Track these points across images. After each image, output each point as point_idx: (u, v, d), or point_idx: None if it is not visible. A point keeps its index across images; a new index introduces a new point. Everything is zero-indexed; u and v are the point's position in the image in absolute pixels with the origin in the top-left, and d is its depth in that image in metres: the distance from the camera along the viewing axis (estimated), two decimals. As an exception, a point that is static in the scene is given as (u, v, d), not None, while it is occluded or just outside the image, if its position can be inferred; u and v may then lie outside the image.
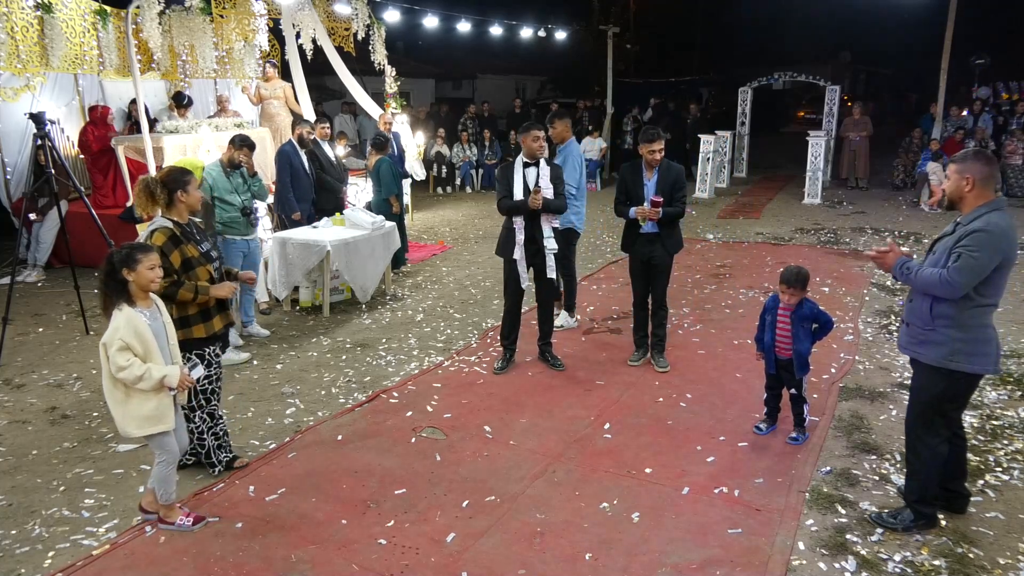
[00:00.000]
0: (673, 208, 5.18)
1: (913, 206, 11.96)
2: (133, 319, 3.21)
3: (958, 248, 3.15)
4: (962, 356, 3.21)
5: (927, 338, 3.29)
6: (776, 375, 4.34)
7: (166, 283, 3.59)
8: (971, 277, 3.11)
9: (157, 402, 3.29)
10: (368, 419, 4.70)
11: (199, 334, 3.78)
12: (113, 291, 3.24)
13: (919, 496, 3.44)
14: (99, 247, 6.86)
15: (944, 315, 3.23)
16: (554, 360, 5.55)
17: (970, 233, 3.14)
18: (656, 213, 5.10)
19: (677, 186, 5.20)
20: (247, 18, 10.27)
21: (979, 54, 18.16)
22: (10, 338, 5.90)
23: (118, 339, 3.16)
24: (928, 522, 3.44)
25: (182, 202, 3.81)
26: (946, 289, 3.15)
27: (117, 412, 3.29)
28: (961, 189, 3.24)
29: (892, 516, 3.49)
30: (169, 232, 3.73)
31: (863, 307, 6.83)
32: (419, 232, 10.60)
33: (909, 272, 3.30)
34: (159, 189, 3.75)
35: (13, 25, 7.64)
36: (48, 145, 6.13)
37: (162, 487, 3.43)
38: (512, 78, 28.16)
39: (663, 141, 5.21)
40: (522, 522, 3.55)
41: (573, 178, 5.88)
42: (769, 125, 22.22)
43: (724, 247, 9.45)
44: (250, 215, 5.87)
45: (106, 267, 3.25)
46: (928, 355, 3.30)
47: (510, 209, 5.19)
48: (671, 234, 5.32)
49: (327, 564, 3.25)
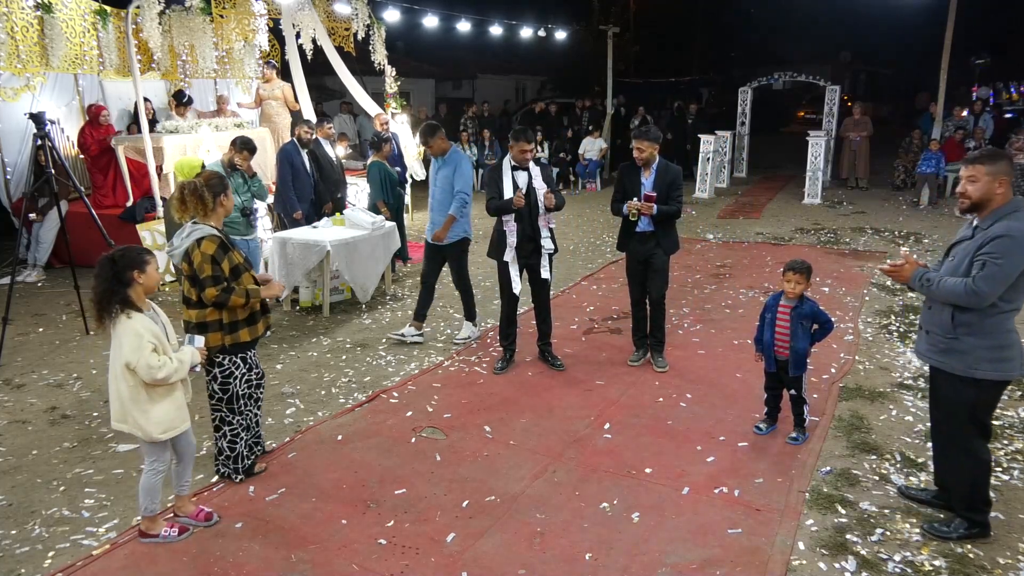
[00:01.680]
0: (668, 207, 5.14)
1: (913, 206, 11.96)
2: (146, 323, 3.19)
3: (981, 255, 3.05)
4: (986, 363, 3.14)
5: (950, 347, 3.21)
6: (776, 374, 4.34)
7: (217, 291, 3.55)
8: (998, 286, 3.02)
9: (177, 401, 3.31)
10: (368, 419, 4.70)
11: (244, 338, 3.75)
12: (116, 297, 3.15)
13: (968, 504, 3.35)
14: (99, 247, 6.81)
15: (967, 323, 3.14)
16: (554, 360, 5.55)
17: (993, 239, 3.02)
18: (649, 208, 5.05)
19: (674, 186, 5.17)
20: (247, 18, 10.27)
21: (979, 54, 18.16)
22: (10, 338, 5.90)
23: (146, 343, 3.13)
24: (982, 530, 3.35)
25: (222, 206, 3.74)
26: (972, 299, 3.06)
27: (141, 421, 3.22)
28: (992, 191, 3.10)
29: (945, 525, 3.41)
30: (218, 240, 3.63)
31: (863, 307, 6.83)
32: (419, 232, 10.59)
33: (930, 283, 3.19)
34: (207, 193, 3.63)
35: (13, 25, 7.65)
36: (48, 145, 6.13)
37: (147, 497, 3.37)
38: (512, 78, 28.16)
39: (646, 141, 5.11)
40: (522, 522, 3.55)
41: (466, 185, 5.74)
42: (769, 125, 22.21)
43: (724, 247, 9.45)
44: (249, 215, 5.88)
45: (109, 272, 3.14)
46: (952, 365, 3.22)
47: (499, 209, 5.19)
48: (667, 234, 5.28)
49: (327, 564, 3.25)
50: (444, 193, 5.77)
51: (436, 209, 5.84)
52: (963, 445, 3.32)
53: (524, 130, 5.27)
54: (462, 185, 5.71)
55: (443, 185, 5.78)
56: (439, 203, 5.80)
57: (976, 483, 3.33)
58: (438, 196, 5.81)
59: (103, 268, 3.16)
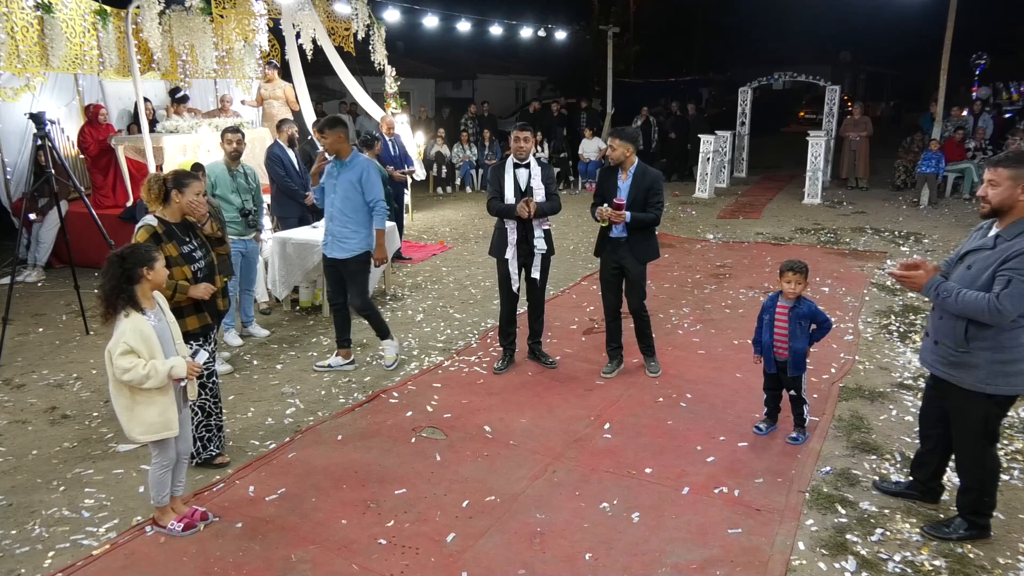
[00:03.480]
0: (645, 214, 4.93)
1: (913, 206, 11.95)
2: (139, 324, 3.18)
3: (1006, 271, 2.88)
4: (1000, 378, 3.03)
5: (961, 360, 3.10)
6: (775, 375, 4.34)
7: None
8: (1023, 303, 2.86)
9: (162, 407, 3.26)
10: (368, 419, 4.70)
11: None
12: (124, 296, 3.17)
13: (975, 508, 3.33)
14: (99, 247, 6.85)
15: (982, 337, 3.02)
16: (545, 358, 5.55)
17: (1019, 254, 2.85)
18: (618, 216, 4.85)
19: (652, 192, 4.93)
20: (247, 18, 10.28)
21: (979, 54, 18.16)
22: (10, 338, 5.90)
23: (123, 343, 3.13)
24: (981, 532, 3.34)
25: (176, 202, 3.83)
26: (995, 317, 2.91)
27: (123, 417, 3.26)
28: (1015, 198, 2.92)
29: (946, 525, 3.39)
30: (152, 230, 3.75)
31: (863, 307, 6.83)
32: (419, 232, 10.60)
33: (947, 295, 3.02)
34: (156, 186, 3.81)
35: (13, 25, 7.64)
36: (48, 145, 6.13)
37: (155, 489, 3.42)
38: (512, 78, 28.17)
39: (619, 139, 4.96)
40: (522, 522, 3.55)
41: (380, 193, 5.23)
42: (769, 125, 22.22)
43: (724, 247, 9.45)
44: (248, 216, 5.88)
45: (118, 270, 3.16)
46: (964, 379, 3.11)
47: (500, 212, 5.17)
48: (641, 241, 5.05)
49: (327, 564, 3.25)
50: (346, 202, 5.15)
51: (337, 220, 5.20)
52: (975, 456, 3.28)
53: (524, 124, 5.29)
54: (376, 194, 5.18)
55: (345, 193, 5.15)
56: (340, 212, 5.17)
57: (985, 490, 3.31)
58: (339, 205, 5.17)
59: (112, 266, 3.18)
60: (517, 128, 5.18)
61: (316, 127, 5.36)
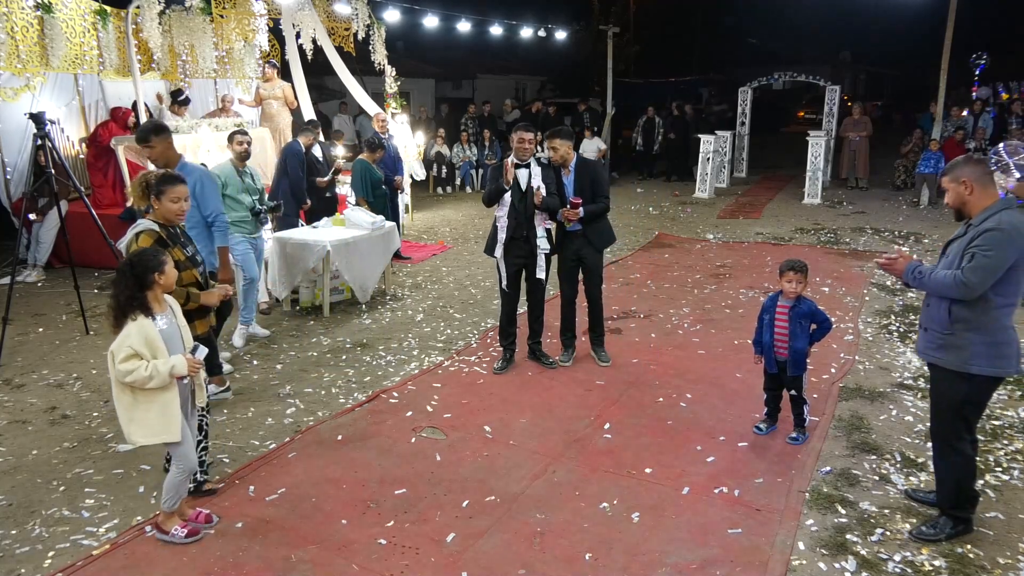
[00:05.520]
0: (595, 205, 5.21)
1: (913, 206, 11.96)
2: (145, 328, 3.17)
3: (971, 248, 3.11)
4: (983, 359, 3.17)
5: (946, 342, 3.24)
6: (776, 375, 4.34)
7: None
8: (986, 277, 3.07)
9: (162, 407, 3.22)
10: (368, 419, 4.70)
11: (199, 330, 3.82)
12: (137, 303, 3.15)
13: (953, 502, 3.37)
14: (99, 247, 6.89)
15: (963, 319, 3.18)
16: (544, 358, 5.56)
17: (983, 233, 3.09)
18: (576, 213, 5.12)
19: (596, 183, 5.25)
20: (247, 18, 10.28)
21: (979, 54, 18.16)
22: (10, 338, 5.89)
23: (126, 347, 3.12)
24: (965, 527, 3.38)
25: (155, 207, 3.79)
26: (961, 290, 3.11)
27: (124, 418, 3.25)
28: (962, 195, 3.21)
29: (931, 527, 3.40)
30: (155, 234, 3.68)
31: (863, 307, 6.83)
32: (419, 232, 10.60)
33: (921, 276, 3.26)
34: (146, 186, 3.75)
35: (13, 25, 7.64)
36: (48, 145, 6.13)
37: (169, 493, 3.37)
38: (512, 78, 28.17)
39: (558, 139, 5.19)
40: (522, 522, 3.55)
41: (218, 206, 4.77)
42: (769, 125, 22.23)
43: (724, 247, 9.45)
44: (259, 215, 5.90)
45: (131, 280, 3.14)
46: (948, 360, 3.25)
47: (491, 194, 5.20)
48: (596, 230, 5.35)
49: (327, 564, 3.25)
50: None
51: None
52: (950, 441, 3.35)
53: (526, 124, 5.32)
54: (213, 208, 4.68)
55: None
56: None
57: (961, 481, 3.36)
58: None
59: (124, 276, 3.17)
60: (520, 129, 5.21)
61: (138, 135, 4.70)
